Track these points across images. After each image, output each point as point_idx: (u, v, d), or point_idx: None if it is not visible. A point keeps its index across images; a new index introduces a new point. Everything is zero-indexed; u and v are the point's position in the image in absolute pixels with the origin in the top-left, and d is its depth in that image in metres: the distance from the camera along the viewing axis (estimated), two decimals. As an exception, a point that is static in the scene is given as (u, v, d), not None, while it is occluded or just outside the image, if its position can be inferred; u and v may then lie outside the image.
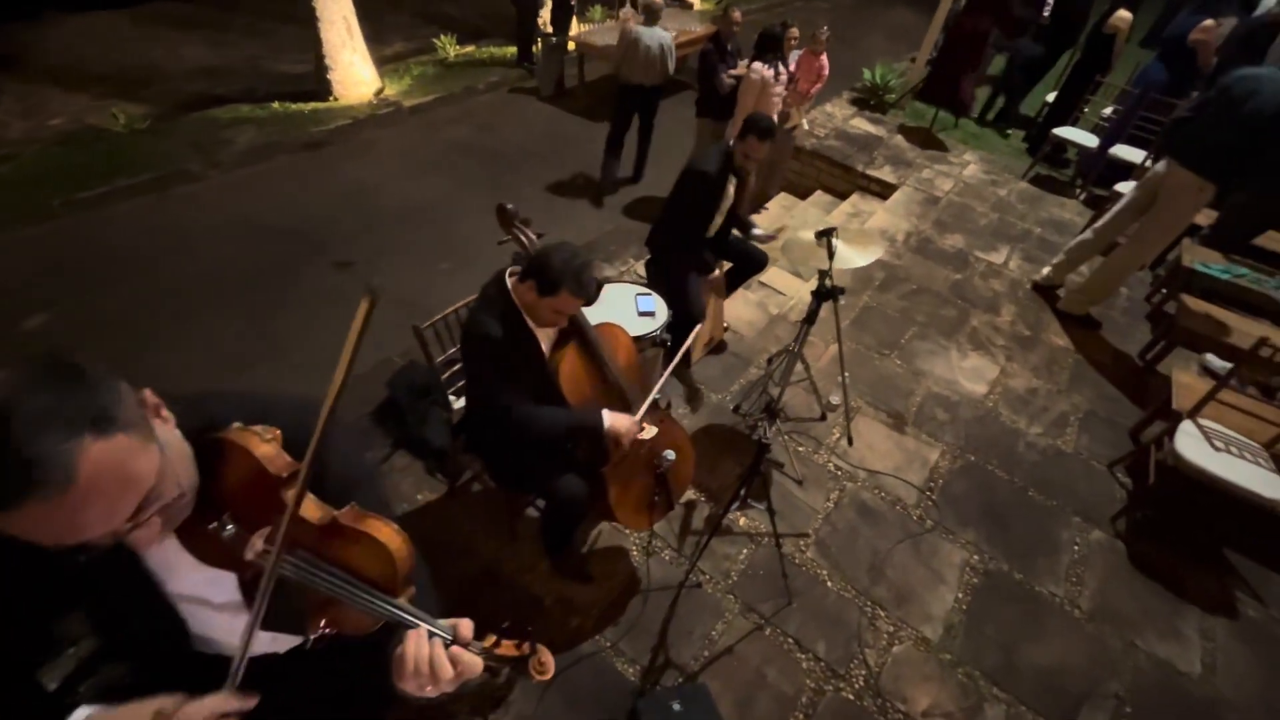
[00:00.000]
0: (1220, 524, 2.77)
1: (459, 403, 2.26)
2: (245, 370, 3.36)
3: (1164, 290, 4.15)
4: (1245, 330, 3.21)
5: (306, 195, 4.90)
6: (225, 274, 4.01)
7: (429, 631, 0.83)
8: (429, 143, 5.96)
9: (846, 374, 3.05)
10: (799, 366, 2.88)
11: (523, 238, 1.87)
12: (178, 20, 7.52)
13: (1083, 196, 5.42)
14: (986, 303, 4.02)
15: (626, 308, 2.63)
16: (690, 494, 2.62)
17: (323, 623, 0.81)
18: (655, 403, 2.00)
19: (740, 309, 3.76)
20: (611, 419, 1.85)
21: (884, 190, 5.26)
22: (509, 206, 1.85)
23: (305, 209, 4.74)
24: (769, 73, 4.22)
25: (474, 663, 0.82)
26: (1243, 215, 4.03)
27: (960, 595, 2.43)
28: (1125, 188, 4.31)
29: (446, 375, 2.25)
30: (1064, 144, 5.54)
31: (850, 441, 2.97)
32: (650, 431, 1.96)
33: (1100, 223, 3.83)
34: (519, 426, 1.78)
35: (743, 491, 2.30)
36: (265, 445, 0.78)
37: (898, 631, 2.30)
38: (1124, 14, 5.22)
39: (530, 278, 1.70)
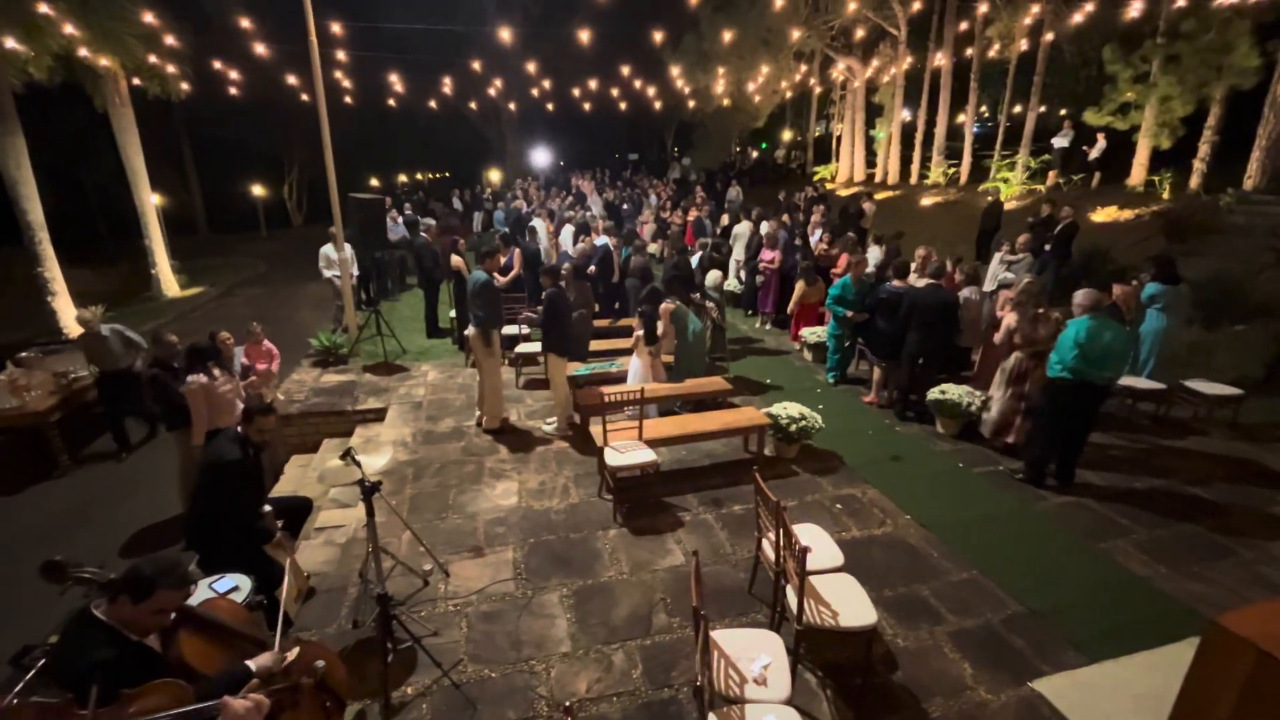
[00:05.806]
0: (652, 489, 4.83)
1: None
2: None
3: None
4: (612, 394, 5.66)
5: None
6: None
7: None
8: None
9: (425, 544, 3.91)
10: (387, 561, 3.57)
11: (85, 575, 2.07)
12: None
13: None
14: (487, 449, 5.57)
15: (206, 596, 2.81)
16: (358, 704, 2.92)
17: None
18: (286, 632, 2.41)
19: (313, 554, 4.12)
20: (256, 661, 2.21)
21: (378, 415, 6.41)
22: (58, 558, 2.04)
23: None
24: (204, 379, 4.62)
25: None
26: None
27: (569, 616, 3.56)
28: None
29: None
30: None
31: (448, 580, 3.80)
32: (294, 652, 2.36)
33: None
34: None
35: (389, 659, 2.84)
36: None
37: (549, 664, 3.22)
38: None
39: (121, 594, 1.98)
